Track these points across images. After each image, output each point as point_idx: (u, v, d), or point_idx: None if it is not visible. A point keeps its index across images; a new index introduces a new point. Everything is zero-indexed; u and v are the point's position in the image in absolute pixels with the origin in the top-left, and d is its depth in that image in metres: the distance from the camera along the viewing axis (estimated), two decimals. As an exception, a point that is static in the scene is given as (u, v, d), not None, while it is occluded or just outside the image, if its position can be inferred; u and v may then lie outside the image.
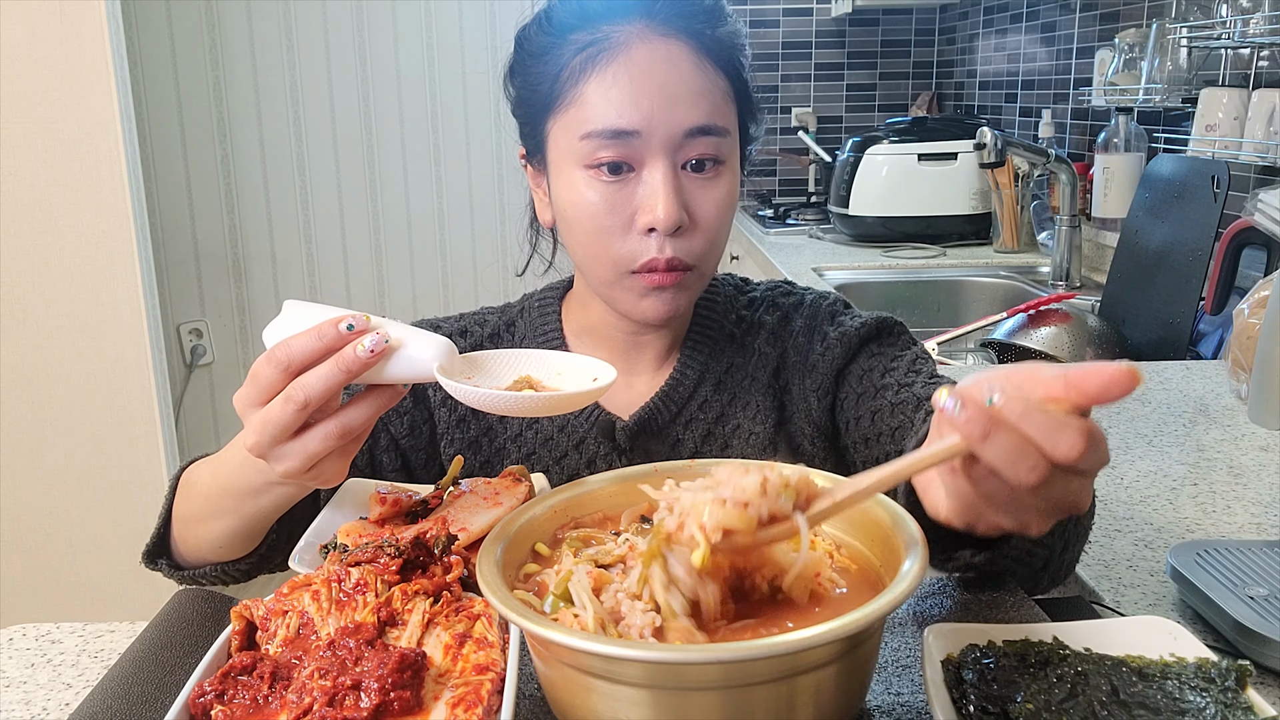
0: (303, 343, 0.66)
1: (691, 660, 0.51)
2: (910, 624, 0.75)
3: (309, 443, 0.66)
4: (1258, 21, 1.68)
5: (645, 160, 0.86)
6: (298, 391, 0.65)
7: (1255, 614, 0.74)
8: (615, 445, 0.96)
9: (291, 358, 0.65)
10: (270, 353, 0.66)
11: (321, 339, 0.66)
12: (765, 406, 0.97)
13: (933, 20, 3.57)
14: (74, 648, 0.79)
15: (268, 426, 0.65)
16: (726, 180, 0.90)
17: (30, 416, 2.27)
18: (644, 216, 0.86)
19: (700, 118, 0.86)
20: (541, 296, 1.04)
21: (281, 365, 0.65)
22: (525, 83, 0.92)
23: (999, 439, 0.51)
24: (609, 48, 0.85)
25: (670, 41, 0.86)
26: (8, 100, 2.14)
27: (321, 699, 0.54)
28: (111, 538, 2.36)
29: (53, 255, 2.22)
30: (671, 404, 0.97)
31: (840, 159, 2.81)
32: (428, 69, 3.36)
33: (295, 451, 0.66)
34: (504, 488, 0.81)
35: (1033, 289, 2.32)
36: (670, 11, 0.87)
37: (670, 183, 0.85)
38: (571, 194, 0.88)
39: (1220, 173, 1.71)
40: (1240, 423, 1.29)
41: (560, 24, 0.89)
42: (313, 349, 0.65)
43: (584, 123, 0.85)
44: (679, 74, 0.85)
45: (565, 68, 0.87)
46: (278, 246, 3.33)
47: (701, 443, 0.97)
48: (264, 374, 0.66)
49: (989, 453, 0.51)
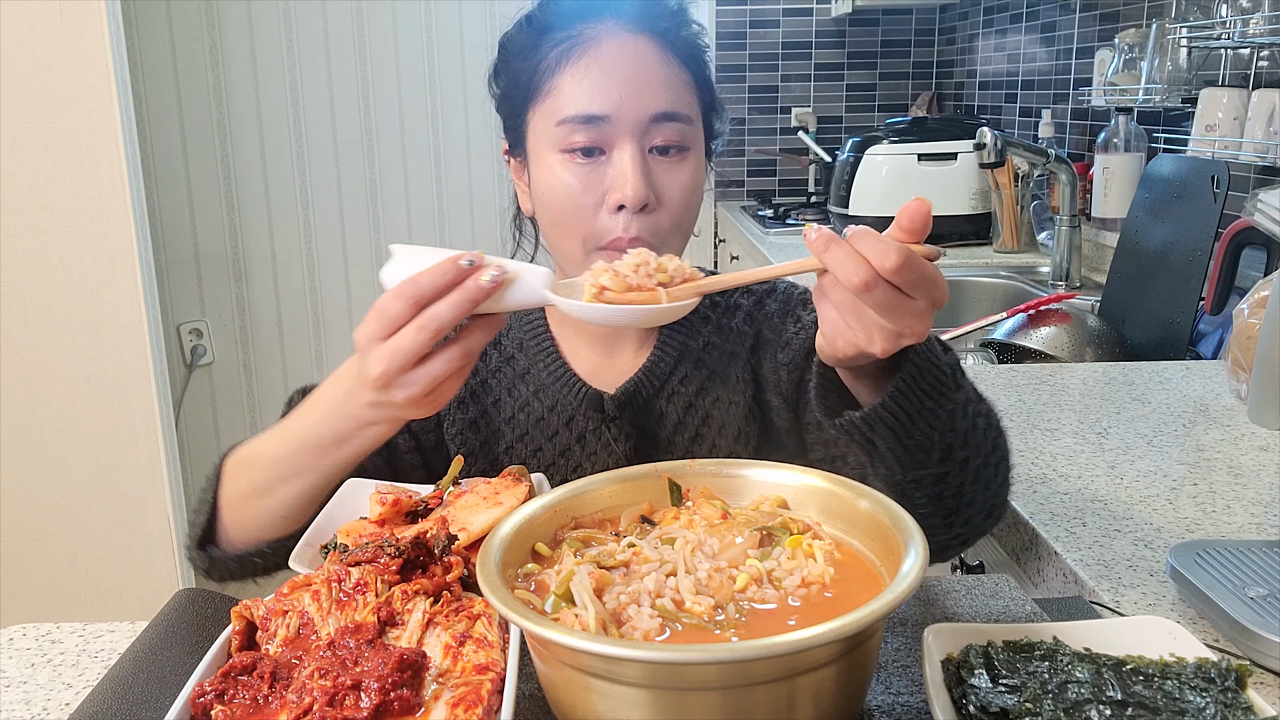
0: (429, 278, 0.73)
1: (691, 660, 0.51)
2: (910, 624, 0.75)
3: (434, 367, 0.73)
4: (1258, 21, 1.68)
5: (615, 143, 0.93)
6: (429, 320, 0.72)
7: (1255, 614, 0.74)
8: (604, 415, 1.01)
9: (421, 291, 0.72)
10: (398, 289, 0.73)
11: (445, 274, 0.73)
12: (743, 379, 1.02)
13: (933, 20, 3.57)
14: (74, 648, 0.79)
15: (397, 354, 0.72)
16: (691, 165, 0.96)
17: (30, 416, 2.27)
18: (614, 195, 0.92)
19: (665, 104, 0.93)
20: None
21: (411, 299, 0.72)
22: (508, 80, 1.00)
23: (836, 250, 0.67)
24: (582, 42, 0.93)
25: (639, 37, 0.94)
26: (8, 100, 2.14)
27: (321, 699, 0.54)
28: (111, 538, 2.36)
29: (53, 255, 2.22)
30: (654, 379, 1.02)
31: (840, 159, 2.82)
32: (428, 69, 3.36)
33: (420, 377, 0.73)
34: (504, 488, 0.81)
35: (1033, 289, 2.32)
36: (638, 12, 0.95)
37: (637, 163, 0.92)
38: (548, 177, 0.95)
39: (1220, 173, 1.71)
40: (1240, 423, 1.29)
41: (540, 25, 0.97)
42: (439, 283, 0.72)
43: (559, 110, 0.93)
44: (645, 65, 0.93)
45: (543, 61, 0.95)
46: (278, 246, 3.33)
47: (684, 414, 1.02)
48: (392, 308, 0.72)
49: (829, 260, 0.67)
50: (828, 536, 0.69)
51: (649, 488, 0.75)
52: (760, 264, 2.75)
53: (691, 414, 1.02)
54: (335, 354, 3.46)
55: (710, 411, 1.02)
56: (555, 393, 1.02)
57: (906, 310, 0.67)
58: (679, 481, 0.75)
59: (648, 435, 1.01)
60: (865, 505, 0.68)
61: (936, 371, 0.74)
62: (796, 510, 0.72)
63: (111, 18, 2.16)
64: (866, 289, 0.66)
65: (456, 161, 3.45)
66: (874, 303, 0.67)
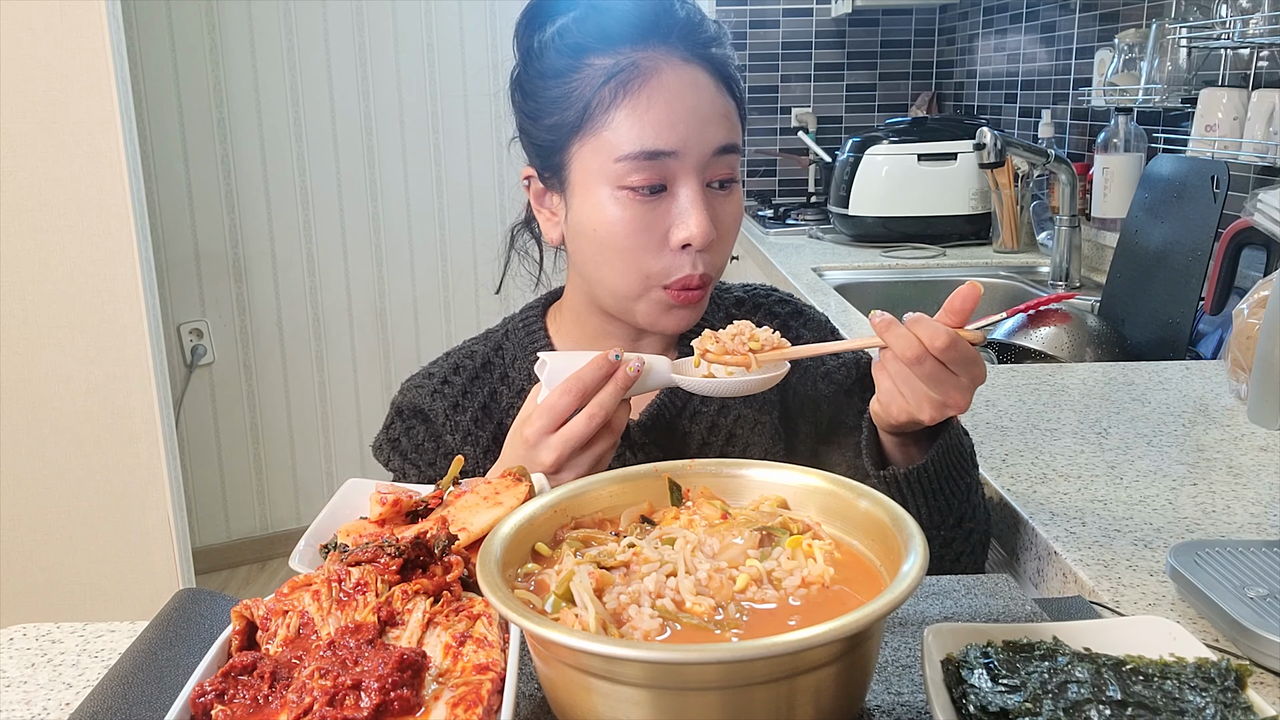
0: (590, 373, 0.83)
1: (691, 660, 0.51)
2: (910, 624, 0.75)
3: (598, 448, 0.84)
4: (1257, 21, 1.68)
5: (678, 179, 0.91)
6: (597, 409, 0.82)
7: (1255, 614, 0.74)
8: (630, 441, 1.00)
9: (585, 386, 0.83)
10: (564, 385, 0.83)
11: (602, 368, 0.83)
12: (768, 398, 1.02)
13: (933, 20, 3.57)
14: (74, 648, 0.79)
15: (569, 442, 0.82)
16: (738, 195, 0.97)
17: (30, 416, 2.27)
18: (679, 232, 0.91)
19: (725, 137, 0.93)
20: (524, 316, 1.08)
21: (577, 393, 0.82)
22: (541, 107, 0.95)
23: (895, 329, 0.79)
24: (639, 75, 0.90)
25: (694, 67, 0.92)
26: (8, 100, 2.14)
27: (321, 699, 0.54)
28: (111, 538, 2.36)
29: (53, 255, 2.22)
30: (676, 400, 1.01)
31: (840, 159, 2.81)
32: (428, 69, 3.36)
33: (586, 459, 0.83)
34: (504, 488, 0.81)
35: (1032, 289, 2.32)
36: (688, 39, 0.93)
37: (702, 200, 0.91)
38: (599, 213, 0.92)
39: (1220, 173, 1.71)
40: (1240, 423, 1.29)
41: (576, 46, 0.92)
42: (598, 376, 0.83)
43: (618, 146, 0.90)
44: (707, 98, 0.92)
45: (593, 94, 0.91)
46: (278, 246, 3.33)
47: (708, 434, 1.02)
48: (562, 403, 0.82)
49: (888, 338, 0.80)
50: (828, 536, 0.69)
51: (649, 488, 0.75)
52: (759, 264, 2.75)
53: (715, 434, 1.02)
54: (335, 354, 3.46)
55: (734, 430, 1.02)
56: None
57: (950, 384, 0.79)
58: (679, 481, 0.75)
59: (672, 456, 1.00)
60: (865, 505, 0.68)
61: (961, 450, 0.89)
62: (796, 510, 0.72)
63: (111, 18, 2.16)
64: (918, 362, 0.78)
65: (456, 161, 3.45)
66: (924, 375, 0.79)
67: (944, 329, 0.78)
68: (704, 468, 0.76)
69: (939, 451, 0.86)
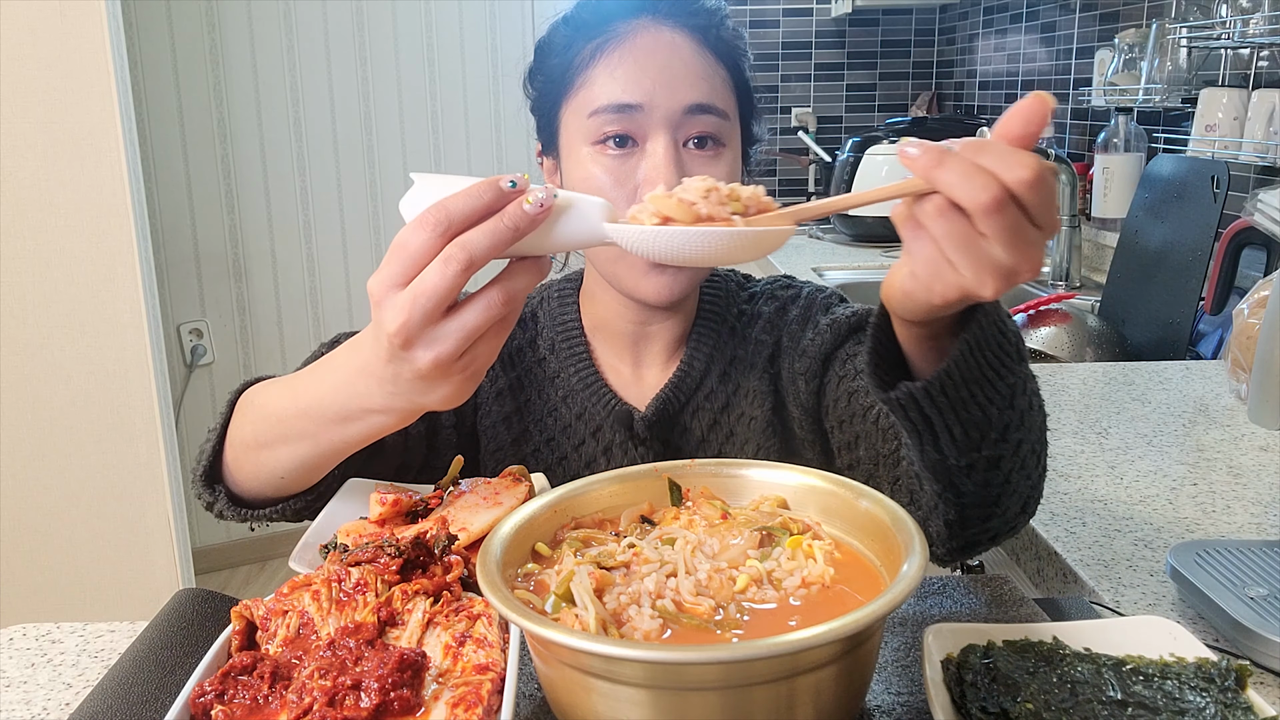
0: (461, 202, 0.59)
1: (692, 660, 0.51)
2: (910, 624, 0.75)
3: (467, 318, 0.60)
4: (1257, 21, 1.68)
5: (648, 134, 0.90)
6: (458, 250, 0.58)
7: (1255, 614, 0.74)
8: (633, 435, 1.00)
9: (450, 218, 0.59)
10: (421, 217, 0.59)
11: (481, 197, 0.59)
12: (762, 391, 1.00)
13: (933, 20, 3.57)
14: (74, 648, 0.79)
15: (420, 299, 0.58)
16: (727, 162, 0.94)
17: (30, 416, 2.27)
18: (646, 187, 0.89)
19: (699, 96, 0.91)
20: (560, 288, 1.07)
21: (438, 227, 0.59)
22: (543, 78, 0.98)
23: (952, 163, 0.54)
24: (615, 37, 0.92)
25: (675, 31, 0.93)
26: (8, 100, 2.14)
27: (321, 699, 0.54)
28: (111, 538, 2.36)
29: (53, 255, 2.21)
30: (681, 394, 1.00)
31: (840, 159, 2.82)
32: (428, 69, 3.36)
33: (451, 331, 0.60)
34: (504, 488, 0.81)
35: (1033, 289, 2.32)
36: (675, 9, 0.94)
37: (670, 155, 0.89)
38: (580, 171, 0.92)
39: (1220, 173, 1.71)
40: (1240, 423, 1.29)
41: (576, 23, 0.96)
42: (473, 208, 0.59)
43: (591, 101, 0.91)
44: (680, 57, 0.92)
45: (577, 56, 0.94)
46: (278, 246, 3.33)
47: (708, 430, 1.01)
48: (414, 242, 0.59)
49: (943, 177, 0.54)
50: (828, 536, 0.69)
51: (649, 488, 0.75)
52: (760, 263, 2.74)
53: (716, 430, 1.01)
54: (335, 354, 3.46)
55: (734, 427, 1.00)
56: (584, 400, 1.00)
57: (1028, 240, 0.54)
58: (679, 481, 0.75)
59: (672, 451, 1.00)
60: (865, 505, 0.68)
61: (1003, 339, 0.63)
62: (796, 510, 0.72)
63: (111, 18, 2.16)
64: (997, 210, 0.53)
65: (456, 161, 3.44)
66: (998, 229, 0.53)
67: (1029, 155, 0.53)
68: (704, 467, 0.76)
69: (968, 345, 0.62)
